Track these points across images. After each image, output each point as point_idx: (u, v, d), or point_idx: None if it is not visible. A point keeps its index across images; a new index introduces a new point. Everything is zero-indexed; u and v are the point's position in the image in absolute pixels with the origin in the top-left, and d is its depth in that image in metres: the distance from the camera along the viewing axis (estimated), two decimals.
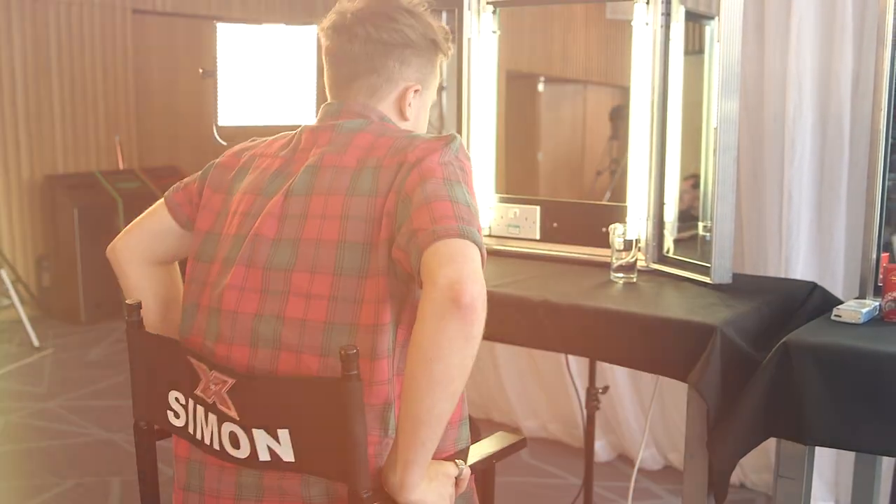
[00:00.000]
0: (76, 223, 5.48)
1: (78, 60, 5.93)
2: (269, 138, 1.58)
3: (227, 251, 1.44)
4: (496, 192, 2.58)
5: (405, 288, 1.36)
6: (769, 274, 2.86)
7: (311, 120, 1.58)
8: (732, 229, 2.08)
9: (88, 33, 5.97)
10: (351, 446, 1.26)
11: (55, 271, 5.73)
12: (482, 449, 1.52)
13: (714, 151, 2.04)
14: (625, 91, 2.38)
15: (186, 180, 1.60)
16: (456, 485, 1.40)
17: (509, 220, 2.53)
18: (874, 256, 1.93)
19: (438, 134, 1.49)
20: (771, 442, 1.83)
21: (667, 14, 2.23)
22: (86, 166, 6.00)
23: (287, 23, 3.72)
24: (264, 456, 1.32)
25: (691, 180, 2.37)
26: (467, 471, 1.42)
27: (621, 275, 2.17)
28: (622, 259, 2.17)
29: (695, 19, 2.28)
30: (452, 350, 1.20)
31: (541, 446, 3.57)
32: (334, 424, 1.26)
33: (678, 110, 2.26)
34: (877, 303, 1.87)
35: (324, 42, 1.55)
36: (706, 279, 2.09)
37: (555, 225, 2.47)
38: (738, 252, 2.92)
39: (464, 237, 1.26)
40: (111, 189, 5.76)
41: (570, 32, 3.87)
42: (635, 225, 2.29)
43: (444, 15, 2.58)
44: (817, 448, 1.82)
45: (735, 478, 3.15)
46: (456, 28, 2.54)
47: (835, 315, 1.83)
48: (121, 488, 3.25)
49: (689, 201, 2.38)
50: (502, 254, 2.51)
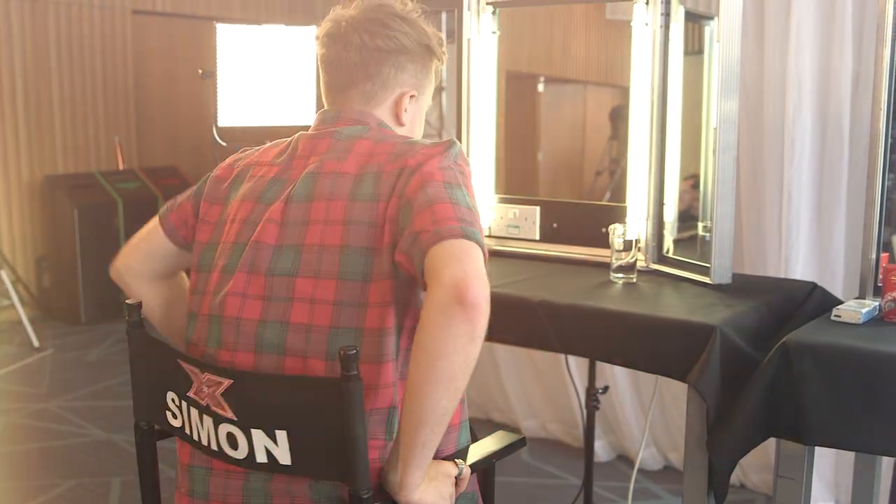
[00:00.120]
0: (76, 223, 5.48)
1: (78, 61, 5.93)
2: (262, 147, 1.59)
3: (227, 259, 1.44)
4: (496, 193, 2.58)
5: (409, 292, 1.37)
6: (769, 274, 2.86)
7: (311, 120, 1.58)
8: (732, 229, 2.08)
9: (88, 34, 5.97)
10: (351, 447, 1.25)
11: (55, 272, 5.73)
12: (482, 448, 1.52)
13: (714, 151, 2.04)
14: (624, 91, 2.38)
15: (180, 199, 1.59)
16: (456, 484, 1.40)
17: (509, 221, 2.53)
18: (874, 256, 1.93)
19: (438, 137, 1.49)
20: (771, 442, 1.83)
21: (666, 14, 2.23)
22: (85, 166, 6.01)
23: (287, 23, 3.72)
24: (261, 458, 1.32)
25: (691, 180, 2.37)
26: (467, 470, 1.43)
27: (621, 275, 2.17)
28: (622, 259, 2.17)
29: (694, 19, 2.29)
30: (456, 348, 1.21)
31: (540, 446, 3.57)
32: (334, 425, 1.26)
33: (678, 110, 2.26)
34: (876, 303, 1.87)
35: (319, 50, 1.56)
36: (706, 279, 2.09)
37: (554, 225, 2.47)
38: (738, 252, 2.92)
39: (467, 237, 1.27)
40: (111, 189, 5.76)
41: (570, 33, 3.87)
42: (635, 225, 2.29)
43: (444, 16, 2.59)
44: (817, 448, 1.82)
45: (735, 478, 3.15)
46: (456, 29, 2.54)
47: (834, 315, 1.84)
48: (121, 488, 3.25)
49: (689, 201, 2.38)
50: (502, 254, 2.51)
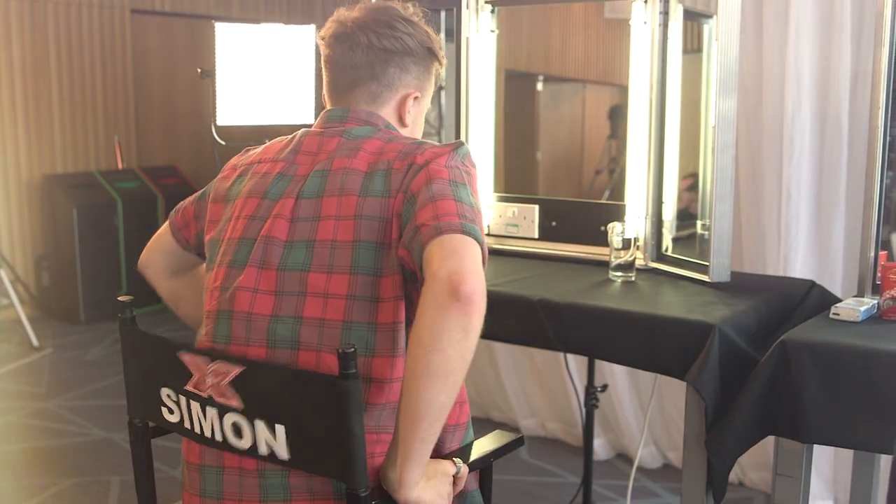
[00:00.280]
0: (75, 223, 5.48)
1: (77, 60, 5.93)
2: (264, 145, 1.60)
3: (234, 254, 1.45)
4: (495, 191, 2.58)
5: (413, 287, 1.37)
6: (768, 272, 2.87)
7: (311, 119, 1.60)
8: (731, 228, 2.08)
9: (87, 33, 5.97)
10: (348, 445, 1.26)
11: (54, 271, 5.73)
12: (480, 448, 1.53)
13: (712, 150, 2.04)
14: (624, 90, 2.38)
15: (186, 202, 1.66)
16: (454, 483, 1.41)
17: (508, 219, 2.53)
18: (872, 255, 1.94)
19: (437, 136, 1.50)
20: (770, 440, 1.84)
21: (665, 13, 2.24)
22: (85, 166, 6.00)
23: (286, 22, 3.72)
24: (263, 449, 1.33)
25: (689, 179, 2.37)
26: (465, 469, 1.43)
27: (620, 273, 2.17)
28: (621, 258, 2.17)
29: (693, 18, 2.29)
30: (451, 342, 1.21)
31: (540, 445, 3.58)
32: (332, 422, 1.26)
33: (676, 109, 2.26)
34: (875, 301, 1.87)
35: (324, 50, 1.57)
36: (704, 277, 2.10)
37: (553, 224, 2.48)
38: (737, 250, 2.92)
39: (465, 233, 1.28)
40: (110, 188, 5.76)
41: (569, 31, 3.87)
42: (634, 223, 2.29)
43: (443, 14, 2.59)
44: (816, 446, 1.82)
45: (734, 476, 3.16)
46: (454, 27, 2.54)
47: (833, 313, 1.84)
48: (120, 487, 3.25)
49: (687, 202, 2.39)
50: (501, 252, 2.51)
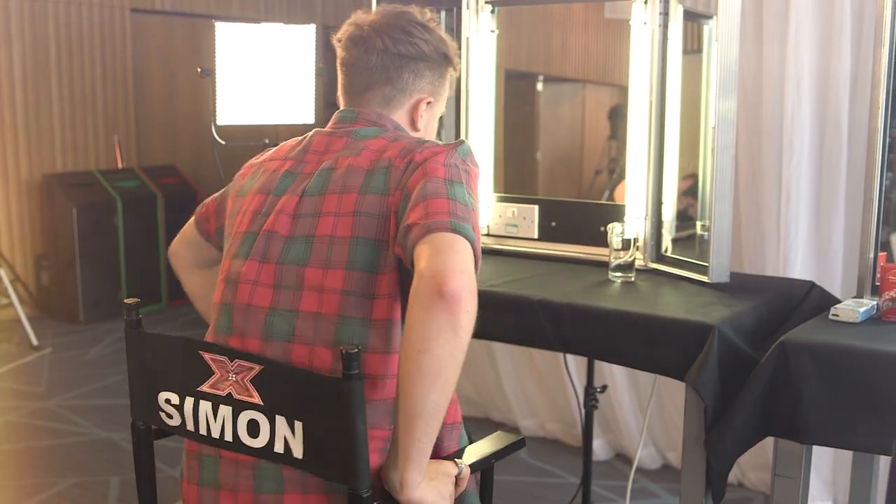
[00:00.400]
0: (75, 222, 5.48)
1: (77, 59, 5.93)
2: (281, 144, 1.65)
3: (238, 247, 1.49)
4: (494, 192, 2.58)
5: (410, 285, 1.37)
6: (768, 273, 2.87)
7: (310, 119, 1.61)
8: (730, 228, 2.08)
9: (87, 32, 5.97)
10: (351, 446, 1.26)
11: (54, 270, 5.73)
12: (481, 449, 1.53)
13: (712, 151, 2.04)
14: (623, 90, 2.38)
15: (212, 196, 1.70)
16: (456, 484, 1.41)
17: (507, 220, 2.53)
18: (872, 256, 1.94)
19: (437, 136, 1.50)
20: (769, 441, 1.84)
21: (665, 13, 2.24)
22: (84, 165, 6.00)
23: (286, 22, 3.72)
24: (279, 447, 1.33)
25: (690, 180, 2.38)
26: (467, 470, 1.43)
27: (619, 274, 2.17)
28: (620, 258, 2.17)
29: (693, 18, 2.29)
30: (440, 341, 1.21)
31: (539, 445, 3.58)
32: (335, 423, 1.27)
33: (676, 109, 2.26)
34: (874, 302, 1.87)
35: (339, 52, 1.59)
36: (704, 278, 2.10)
37: (553, 224, 2.48)
38: (737, 251, 2.93)
39: (455, 232, 1.28)
40: (110, 188, 5.76)
41: (569, 32, 3.87)
42: (633, 224, 2.30)
43: (443, 14, 2.59)
44: (815, 447, 1.82)
45: (733, 476, 3.16)
46: (455, 27, 2.55)
47: (832, 314, 1.84)
48: (119, 487, 3.25)
49: (686, 204, 2.39)
50: (500, 253, 2.51)
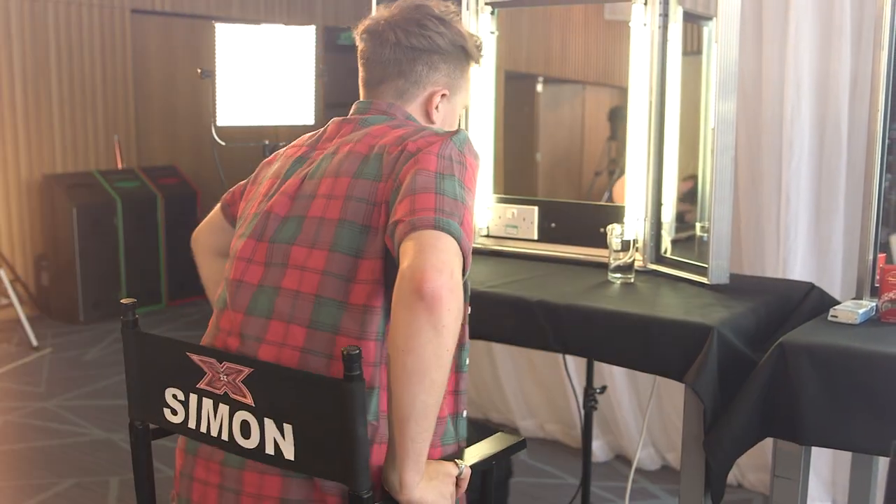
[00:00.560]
0: (75, 222, 5.48)
1: (77, 60, 5.93)
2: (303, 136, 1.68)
3: (244, 228, 1.53)
4: (494, 193, 2.58)
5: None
6: (767, 274, 2.87)
7: (311, 120, 1.62)
8: (730, 230, 2.08)
9: (87, 33, 5.97)
10: (351, 447, 1.26)
11: (54, 271, 5.73)
12: (481, 450, 1.53)
13: (712, 152, 2.04)
14: (623, 91, 2.38)
15: (240, 182, 1.71)
16: (457, 485, 1.41)
17: (507, 221, 2.53)
18: (871, 257, 1.94)
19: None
20: (768, 442, 1.84)
21: (664, 15, 2.24)
22: (84, 166, 6.01)
23: (286, 23, 3.72)
24: (270, 449, 1.34)
25: (690, 182, 2.38)
26: (467, 471, 1.43)
27: (619, 275, 2.18)
28: (620, 259, 2.17)
29: (693, 20, 2.29)
30: (422, 342, 1.21)
31: (538, 446, 3.58)
32: (335, 424, 1.27)
33: (676, 111, 2.27)
34: (873, 303, 1.87)
35: (358, 45, 1.61)
36: (703, 280, 2.10)
37: (553, 225, 2.48)
38: (736, 252, 2.93)
39: (439, 229, 1.27)
40: (110, 188, 5.76)
41: (569, 33, 3.87)
42: (633, 225, 2.30)
43: None
44: (814, 448, 1.82)
45: (732, 477, 3.16)
46: None
47: (831, 315, 1.84)
48: (119, 488, 3.25)
49: (686, 207, 2.39)
50: (500, 254, 2.51)
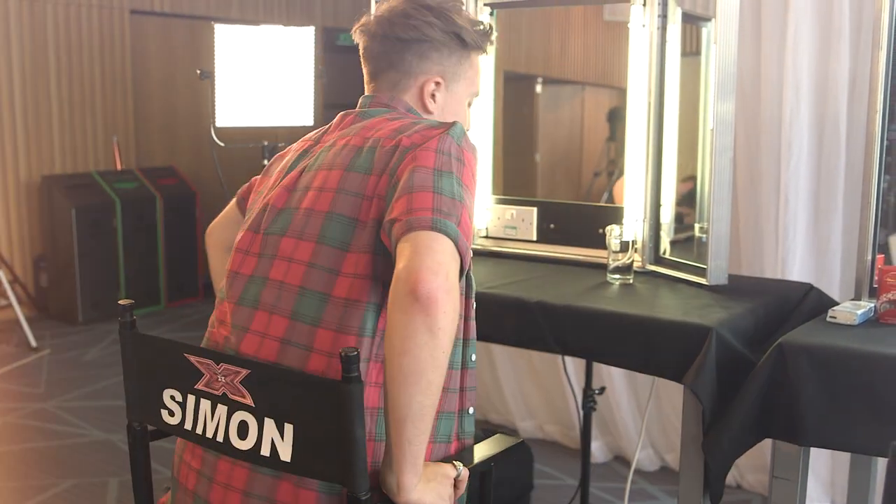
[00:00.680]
0: (74, 223, 5.48)
1: (76, 61, 5.93)
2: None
3: (248, 221, 1.54)
4: (493, 194, 2.58)
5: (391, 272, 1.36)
6: (766, 275, 2.87)
7: (310, 121, 1.63)
8: (728, 231, 2.08)
9: (86, 34, 5.97)
10: (349, 448, 1.25)
11: (53, 272, 5.73)
12: (480, 451, 1.53)
13: (710, 153, 2.04)
14: (622, 92, 2.39)
15: (256, 177, 1.71)
16: (455, 487, 1.40)
17: (506, 222, 2.54)
18: (869, 258, 1.94)
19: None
20: (767, 442, 1.84)
21: (663, 16, 2.24)
22: (83, 166, 6.01)
23: (285, 24, 3.72)
24: (266, 450, 1.33)
25: (689, 183, 2.38)
26: (465, 473, 1.42)
27: (618, 276, 2.18)
28: (619, 260, 2.17)
29: (691, 21, 2.29)
30: (418, 343, 1.21)
31: (537, 447, 3.58)
32: (333, 425, 1.26)
33: (675, 112, 2.27)
34: (872, 304, 1.87)
35: (357, 43, 1.64)
36: (702, 280, 2.10)
37: (552, 226, 2.48)
38: (735, 253, 2.93)
39: (435, 229, 1.26)
40: (109, 189, 5.76)
41: (568, 34, 3.87)
42: (632, 226, 2.30)
43: None
44: (813, 449, 1.82)
45: (731, 478, 3.16)
46: None
47: (830, 316, 1.84)
48: (118, 489, 3.25)
49: (685, 210, 2.39)
50: (499, 255, 2.51)
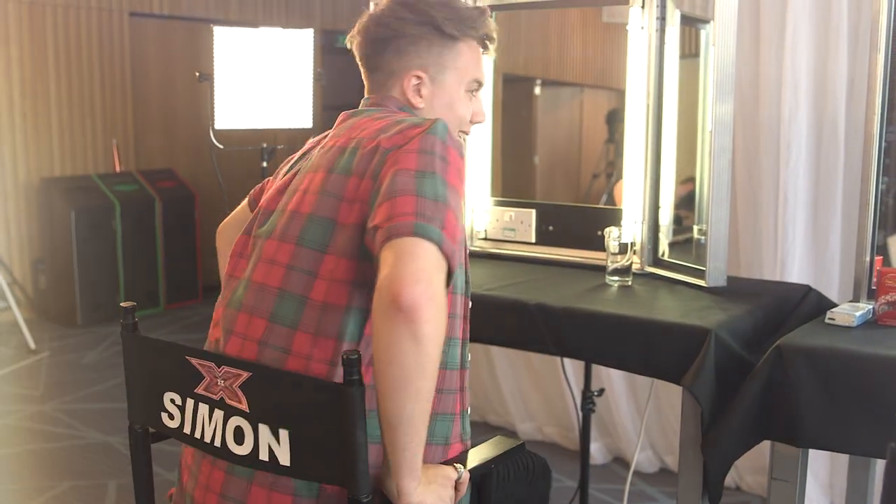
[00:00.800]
0: (73, 226, 5.48)
1: (75, 63, 5.93)
2: None
3: (245, 226, 1.55)
4: (492, 196, 2.59)
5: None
6: (765, 276, 2.87)
7: (308, 123, 1.63)
8: (727, 232, 2.08)
9: (86, 36, 5.97)
10: (351, 451, 1.25)
11: (52, 274, 5.72)
12: (480, 453, 1.52)
13: (709, 154, 2.04)
14: (621, 94, 2.39)
15: (268, 178, 1.70)
16: (456, 489, 1.40)
17: (505, 224, 2.54)
18: (868, 259, 1.94)
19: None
20: (766, 444, 1.84)
21: (662, 18, 2.24)
22: (83, 169, 6.01)
23: (284, 26, 3.73)
24: (264, 455, 1.33)
25: (689, 185, 2.38)
26: (466, 475, 1.42)
27: (616, 278, 2.18)
28: (617, 262, 2.17)
29: (690, 23, 2.30)
30: (404, 352, 1.19)
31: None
32: (334, 428, 1.26)
33: (673, 114, 2.27)
34: (870, 306, 1.88)
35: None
36: (701, 282, 2.10)
37: (550, 228, 2.48)
38: (734, 255, 2.93)
39: (417, 235, 1.23)
40: (108, 192, 5.76)
41: (567, 36, 3.87)
42: (631, 228, 2.30)
43: None
44: (812, 450, 1.82)
45: (730, 480, 3.16)
46: None
47: (829, 318, 1.84)
48: (116, 491, 3.24)
49: (684, 212, 2.39)
50: (498, 257, 2.51)
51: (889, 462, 1.21)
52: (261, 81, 3.38)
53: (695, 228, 2.34)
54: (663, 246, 2.30)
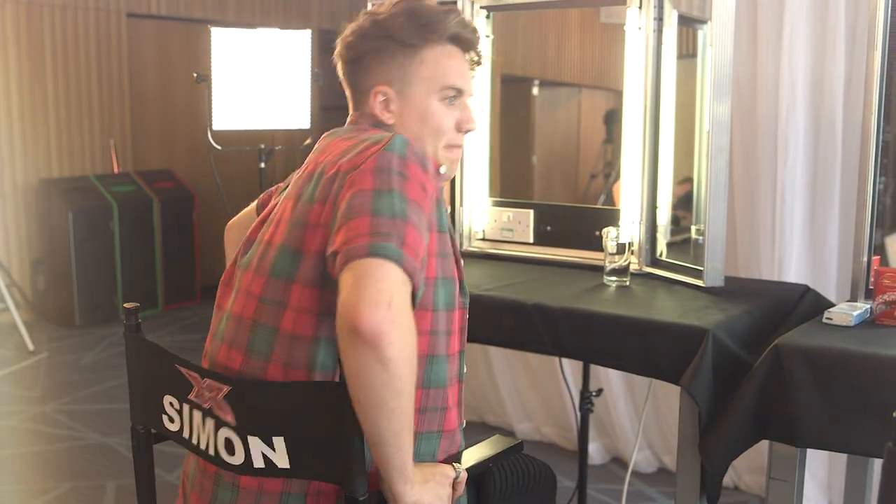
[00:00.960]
0: (71, 227, 5.48)
1: (72, 64, 5.92)
2: None
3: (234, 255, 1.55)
4: (490, 196, 2.59)
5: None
6: (763, 276, 2.88)
7: (306, 125, 1.63)
8: (724, 232, 2.09)
9: (83, 37, 5.96)
10: (347, 450, 1.26)
11: (50, 275, 5.72)
12: (478, 453, 1.53)
13: (706, 154, 2.05)
14: (619, 94, 2.39)
15: (279, 184, 1.66)
16: (454, 488, 1.40)
17: (503, 224, 2.54)
18: (865, 259, 1.94)
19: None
20: (764, 444, 1.84)
21: (660, 18, 2.25)
22: (80, 170, 6.00)
23: (282, 27, 3.73)
24: (259, 463, 1.32)
25: (687, 185, 2.38)
26: (464, 474, 1.42)
27: (614, 278, 2.18)
28: (615, 262, 2.18)
29: (687, 23, 2.30)
30: (370, 376, 1.16)
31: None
32: (330, 429, 1.26)
33: (671, 114, 2.27)
34: (868, 305, 1.88)
35: None
36: (698, 282, 2.10)
37: (548, 228, 2.48)
38: (732, 254, 2.93)
39: (374, 255, 1.20)
40: (106, 192, 5.76)
41: (564, 36, 3.88)
42: (628, 228, 2.30)
43: None
44: (810, 449, 1.83)
45: (728, 480, 3.16)
46: None
47: (826, 318, 1.84)
48: (115, 492, 3.24)
49: (682, 213, 2.39)
50: (496, 257, 2.52)
51: (886, 461, 1.21)
52: (258, 82, 3.38)
53: (692, 228, 2.34)
54: (661, 246, 2.31)
